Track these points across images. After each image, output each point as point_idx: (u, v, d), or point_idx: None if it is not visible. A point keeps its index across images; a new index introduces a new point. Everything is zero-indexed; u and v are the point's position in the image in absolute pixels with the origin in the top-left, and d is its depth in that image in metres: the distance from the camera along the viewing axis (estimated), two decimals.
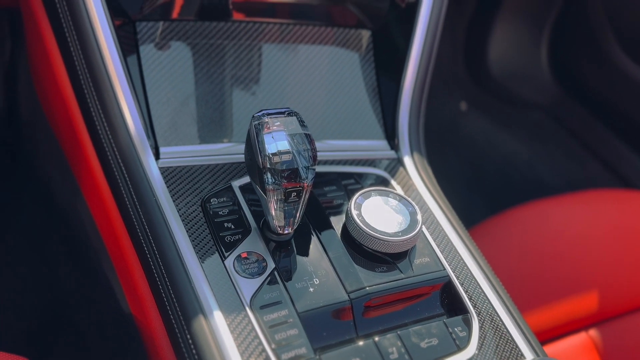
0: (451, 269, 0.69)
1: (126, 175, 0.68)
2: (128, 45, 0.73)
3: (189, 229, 0.65)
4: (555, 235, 1.03)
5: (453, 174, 1.74)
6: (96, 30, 0.67)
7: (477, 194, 1.72)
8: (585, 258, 0.99)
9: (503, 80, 1.89)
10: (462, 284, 0.68)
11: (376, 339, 0.60)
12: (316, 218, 0.69)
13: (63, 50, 0.73)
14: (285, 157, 0.59)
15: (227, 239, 0.64)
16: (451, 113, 1.94)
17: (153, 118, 0.73)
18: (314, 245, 0.66)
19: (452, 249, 0.73)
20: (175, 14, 0.77)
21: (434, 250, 0.70)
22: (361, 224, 0.65)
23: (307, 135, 0.61)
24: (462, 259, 0.72)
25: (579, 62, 1.75)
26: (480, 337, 0.64)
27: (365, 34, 0.88)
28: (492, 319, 0.66)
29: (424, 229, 0.72)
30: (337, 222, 0.69)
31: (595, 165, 1.71)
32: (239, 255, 0.63)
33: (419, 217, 0.67)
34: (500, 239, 1.02)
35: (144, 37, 0.75)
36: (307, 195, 0.61)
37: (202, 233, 0.65)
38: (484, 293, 0.68)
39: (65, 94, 0.76)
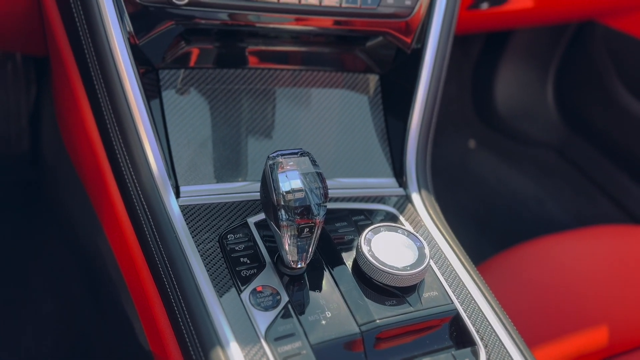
0: (459, 302, 0.71)
1: (148, 213, 0.72)
2: (151, 91, 0.78)
3: (207, 264, 0.68)
4: (563, 270, 1.05)
5: (463, 211, 1.76)
6: (122, 78, 0.73)
7: (487, 230, 1.74)
8: (594, 293, 1.00)
9: (510, 119, 1.93)
10: (469, 317, 0.70)
11: None
12: (328, 253, 0.72)
13: (90, 96, 0.79)
14: (298, 195, 0.62)
15: (243, 273, 0.67)
16: (460, 151, 1.98)
17: (174, 159, 0.77)
18: (326, 279, 0.69)
19: (460, 283, 0.75)
20: (194, 63, 0.83)
21: (442, 284, 0.72)
22: (371, 259, 0.67)
23: (319, 174, 0.64)
24: (469, 292, 0.74)
25: (584, 101, 1.79)
26: None
27: (374, 79, 0.93)
28: (500, 352, 0.68)
29: (432, 263, 0.75)
30: (348, 256, 0.71)
31: (604, 202, 1.73)
32: (255, 289, 0.66)
33: (427, 251, 0.70)
34: (508, 274, 1.04)
35: (166, 83, 0.81)
36: (319, 231, 0.64)
37: (219, 268, 0.68)
38: (492, 326, 0.70)
39: (91, 137, 0.80)
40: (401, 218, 0.82)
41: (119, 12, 0.71)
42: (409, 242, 0.71)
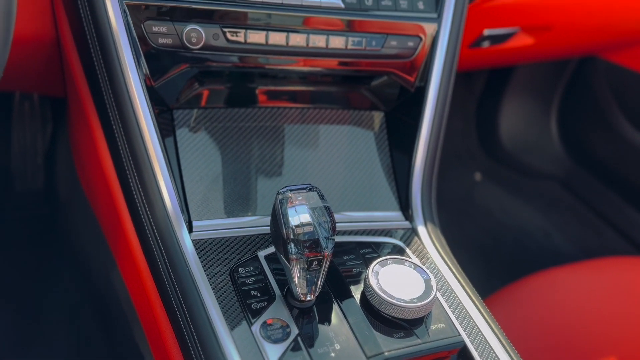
0: (466, 334, 0.72)
1: (162, 248, 0.74)
2: (166, 130, 0.82)
3: (219, 297, 0.70)
4: (571, 303, 1.05)
5: (470, 243, 1.77)
6: (139, 118, 0.76)
7: (494, 263, 1.74)
8: (601, 327, 1.01)
9: (515, 152, 1.95)
10: (477, 349, 0.71)
11: None
12: (336, 286, 0.73)
13: (107, 135, 0.82)
14: (307, 229, 0.64)
15: (253, 306, 0.69)
16: (466, 184, 2.00)
17: (187, 195, 0.80)
18: (335, 311, 0.70)
19: (467, 315, 0.76)
20: (207, 102, 0.86)
21: (449, 316, 0.73)
22: (379, 291, 0.69)
23: (327, 208, 0.66)
24: (476, 325, 0.75)
25: (588, 134, 1.81)
26: None
27: (379, 115, 0.96)
28: None
29: (438, 295, 0.76)
30: (356, 289, 0.73)
31: (610, 233, 1.73)
32: (265, 322, 0.67)
33: (434, 284, 0.71)
34: (515, 307, 1.04)
35: (180, 122, 0.84)
36: (327, 264, 0.66)
37: (230, 300, 0.70)
38: (499, 358, 0.71)
39: (107, 174, 0.83)
40: (408, 251, 0.84)
41: (136, 55, 0.75)
42: (416, 275, 0.72)
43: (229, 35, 0.76)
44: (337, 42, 0.82)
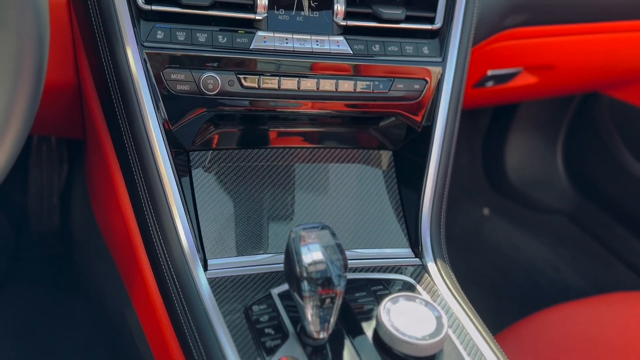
0: None
1: (178, 286, 0.76)
2: (182, 171, 0.85)
3: (234, 335, 0.71)
4: (582, 338, 1.05)
5: (480, 279, 1.77)
6: (157, 161, 0.79)
7: (505, 298, 1.74)
8: None
9: (522, 187, 1.97)
10: None
11: None
12: (349, 323, 0.74)
13: (126, 176, 0.85)
14: (320, 267, 0.66)
15: (267, 344, 0.70)
16: (475, 219, 2.01)
17: (202, 233, 0.83)
18: (347, 349, 0.71)
19: (478, 352, 0.76)
20: (221, 144, 0.90)
21: (460, 353, 0.74)
22: (391, 329, 0.70)
23: (339, 246, 0.68)
24: None
25: (593, 168, 1.83)
26: None
27: (387, 154, 0.99)
28: None
29: (450, 332, 0.77)
30: (368, 326, 0.74)
31: (620, 268, 1.73)
32: None
33: (445, 321, 0.72)
34: (527, 343, 1.04)
35: (196, 164, 0.87)
36: (340, 301, 0.68)
37: (245, 338, 0.71)
38: None
39: (125, 213, 0.86)
40: (418, 287, 0.85)
41: (155, 101, 0.79)
42: (427, 312, 0.73)
43: (243, 82, 0.80)
44: (346, 85, 0.86)
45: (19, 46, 0.51)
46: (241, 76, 0.80)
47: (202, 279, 0.77)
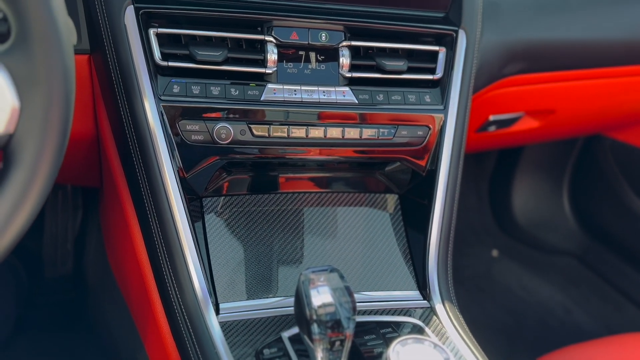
0: None
1: (191, 330, 0.78)
2: (196, 217, 0.88)
3: None
4: None
5: (491, 322, 1.76)
6: (172, 207, 0.82)
7: (516, 341, 1.72)
8: None
9: (530, 228, 1.98)
10: None
11: None
12: None
13: (141, 222, 0.88)
14: (329, 309, 0.68)
15: None
16: (484, 261, 2.01)
17: (215, 278, 0.85)
18: None
19: None
20: (233, 190, 0.93)
21: None
22: None
23: (347, 288, 0.70)
24: None
25: (600, 209, 1.84)
26: None
27: (393, 198, 1.02)
28: None
29: None
30: None
31: (631, 309, 1.72)
32: None
33: None
34: None
35: (209, 209, 0.91)
36: (349, 344, 0.69)
37: None
38: None
39: (140, 259, 0.89)
40: (427, 330, 0.86)
41: (170, 150, 0.83)
42: (436, 354, 0.74)
43: (254, 131, 0.84)
44: (352, 133, 0.89)
45: (47, 104, 0.55)
46: (252, 126, 0.84)
47: (214, 323, 0.78)
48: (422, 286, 0.94)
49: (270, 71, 0.85)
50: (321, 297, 0.69)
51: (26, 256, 1.53)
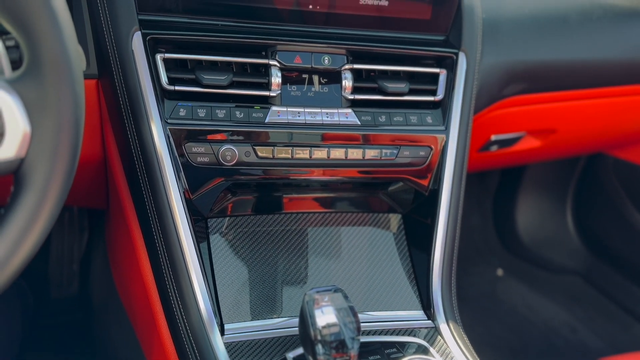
0: None
1: (196, 351, 0.79)
2: (201, 238, 0.89)
3: None
4: None
5: (496, 342, 1.74)
6: (178, 228, 0.83)
7: None
8: None
9: (534, 247, 1.98)
10: None
11: None
12: None
13: (148, 243, 0.89)
14: (334, 329, 0.68)
15: None
16: (489, 280, 2.01)
17: (220, 298, 0.86)
18: None
19: None
20: (237, 211, 0.94)
21: None
22: None
23: (351, 308, 0.71)
24: None
25: (604, 227, 1.84)
26: None
27: (397, 217, 1.03)
28: None
29: None
30: None
31: (638, 327, 1.70)
32: None
33: None
34: None
35: (214, 230, 0.92)
36: None
37: None
38: None
39: (146, 280, 0.90)
40: (432, 350, 0.86)
41: (176, 172, 0.84)
42: None
43: (259, 152, 0.86)
44: (355, 154, 0.91)
45: (58, 129, 0.57)
46: (257, 147, 0.86)
47: (219, 344, 0.79)
48: (427, 306, 0.94)
49: (274, 94, 0.87)
50: (325, 317, 0.69)
51: (32, 277, 1.53)
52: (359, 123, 0.91)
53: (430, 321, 0.93)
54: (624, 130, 1.51)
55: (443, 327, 0.91)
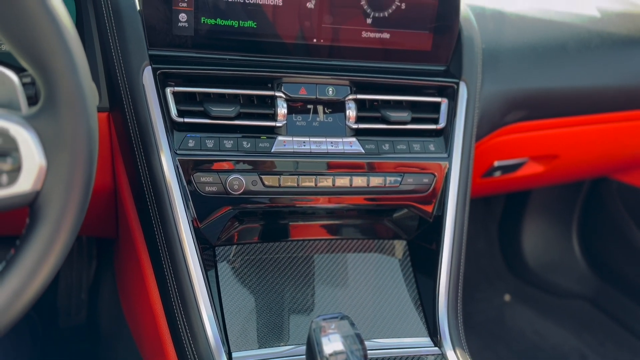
0: None
1: None
2: (209, 265, 0.90)
3: None
4: None
5: None
6: (186, 256, 0.85)
7: None
8: None
9: (541, 272, 1.97)
10: None
11: None
12: None
13: (157, 272, 0.91)
14: (341, 357, 0.69)
15: None
16: (496, 305, 2.00)
17: (227, 326, 0.86)
18: None
19: None
20: (245, 239, 0.96)
21: None
22: None
23: (358, 336, 0.71)
24: None
25: (610, 252, 1.84)
26: None
27: (402, 244, 1.04)
28: None
29: None
30: None
31: None
32: None
33: None
34: None
35: (221, 258, 0.93)
36: None
37: None
38: None
39: (155, 309, 0.91)
40: None
41: (185, 202, 0.86)
42: None
43: (265, 181, 0.88)
44: (359, 181, 0.93)
45: (73, 163, 0.59)
46: (263, 176, 0.88)
47: None
48: (433, 332, 0.95)
49: (280, 124, 0.89)
50: (332, 345, 0.70)
51: (41, 306, 1.54)
52: (363, 151, 0.93)
53: (437, 348, 0.93)
54: (627, 155, 1.52)
55: (450, 353, 0.91)
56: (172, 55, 0.87)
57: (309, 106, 0.92)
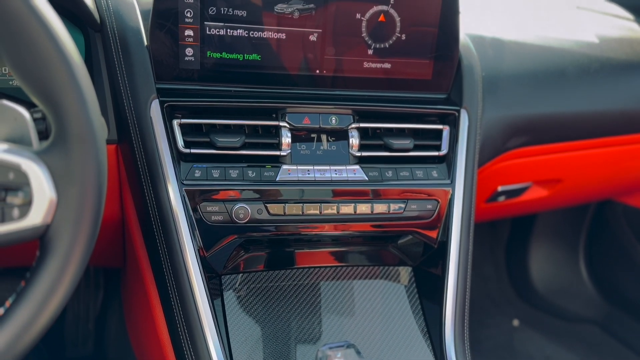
0: None
1: None
2: (215, 294, 0.91)
3: None
4: None
5: None
6: (192, 285, 0.86)
7: None
8: None
9: (549, 296, 1.96)
10: None
11: None
12: None
13: (163, 301, 0.91)
14: None
15: None
16: (505, 331, 1.98)
17: (234, 356, 0.87)
18: None
19: None
20: (251, 267, 0.97)
21: None
22: None
23: None
24: None
25: (617, 275, 1.83)
26: None
27: (407, 270, 1.04)
28: None
29: None
30: None
31: None
32: None
33: None
34: None
35: (228, 286, 0.94)
36: None
37: None
38: None
39: (162, 338, 0.91)
40: None
41: (192, 231, 0.87)
42: None
43: (271, 210, 0.89)
44: (363, 208, 0.94)
45: (82, 197, 0.60)
46: (268, 205, 0.89)
47: None
48: (440, 359, 0.94)
49: (284, 153, 0.91)
50: None
51: (48, 336, 1.54)
52: (367, 179, 0.94)
53: None
54: (631, 178, 1.53)
55: None
56: (179, 88, 0.90)
57: (312, 135, 0.94)
